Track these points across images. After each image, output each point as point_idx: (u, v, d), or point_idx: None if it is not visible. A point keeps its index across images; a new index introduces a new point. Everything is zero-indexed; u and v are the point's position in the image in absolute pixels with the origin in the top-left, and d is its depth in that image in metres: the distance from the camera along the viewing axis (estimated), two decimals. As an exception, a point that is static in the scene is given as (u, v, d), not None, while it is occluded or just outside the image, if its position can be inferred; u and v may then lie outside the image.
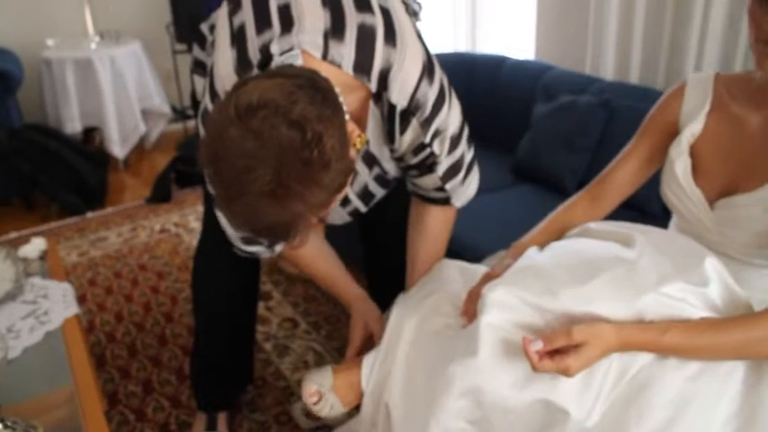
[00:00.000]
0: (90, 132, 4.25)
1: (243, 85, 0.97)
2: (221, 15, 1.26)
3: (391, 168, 1.40)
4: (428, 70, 1.22)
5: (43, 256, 1.85)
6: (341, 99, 1.02)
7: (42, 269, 1.79)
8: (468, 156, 1.40)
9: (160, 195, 3.64)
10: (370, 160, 1.34)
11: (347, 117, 1.02)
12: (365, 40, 1.14)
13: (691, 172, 1.23)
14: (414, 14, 1.56)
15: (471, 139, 1.41)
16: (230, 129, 0.92)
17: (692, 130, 1.23)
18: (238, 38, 1.17)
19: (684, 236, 1.25)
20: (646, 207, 1.98)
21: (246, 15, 1.19)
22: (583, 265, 1.10)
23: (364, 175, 1.38)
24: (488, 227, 2.07)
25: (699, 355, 1.01)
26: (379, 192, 1.46)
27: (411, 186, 1.45)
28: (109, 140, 4.08)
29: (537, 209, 1.54)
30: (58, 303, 1.62)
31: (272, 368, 2.21)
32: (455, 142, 1.33)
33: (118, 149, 4.11)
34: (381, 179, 1.41)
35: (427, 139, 1.26)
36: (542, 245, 1.26)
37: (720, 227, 1.20)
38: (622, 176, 1.34)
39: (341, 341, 2.31)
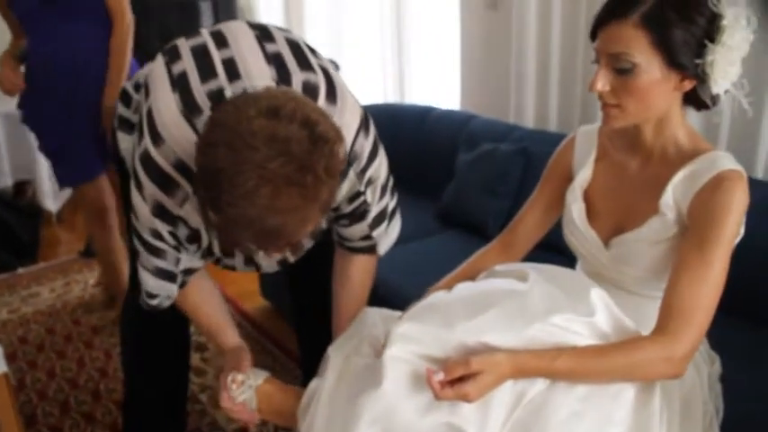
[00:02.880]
0: (21, 186, 4.19)
1: (252, 96, 1.02)
2: (156, 65, 1.29)
3: (324, 223, 1.46)
4: (365, 123, 1.31)
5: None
6: None
7: (-31, 329, 1.78)
8: (392, 204, 1.49)
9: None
10: None
11: None
12: (309, 96, 1.20)
13: (585, 215, 1.34)
14: None
15: (395, 189, 1.49)
16: (255, 122, 0.96)
17: (584, 176, 1.36)
18: (180, 83, 1.21)
19: (573, 270, 1.36)
20: (563, 247, 2.09)
21: (187, 65, 1.23)
22: (477, 299, 1.20)
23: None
24: (415, 272, 2.14)
25: (588, 378, 1.11)
26: (307, 243, 1.52)
27: (337, 238, 1.50)
28: (41, 194, 4.01)
29: (462, 253, 1.62)
30: (-15, 363, 1.61)
31: (209, 419, 2.22)
32: (384, 190, 1.41)
33: (51, 203, 4.05)
34: (313, 233, 1.46)
35: (362, 188, 1.34)
36: (451, 288, 1.35)
37: (616, 264, 1.30)
38: (530, 223, 1.46)
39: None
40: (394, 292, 1.98)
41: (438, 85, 3.46)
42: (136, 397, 1.85)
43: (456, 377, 1.06)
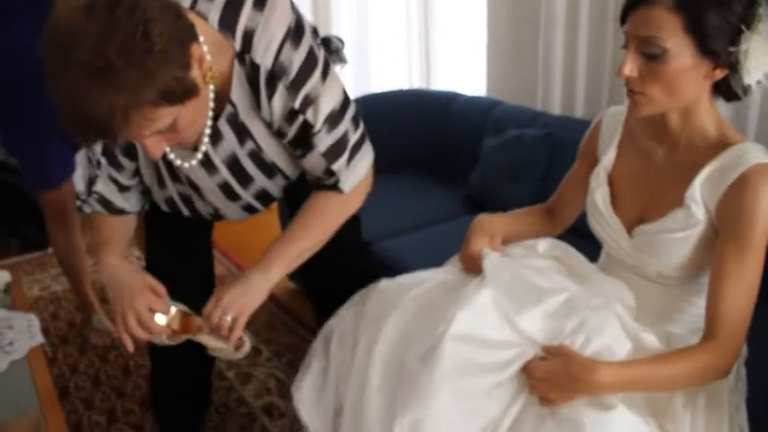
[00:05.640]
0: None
1: None
2: None
3: (268, 147, 1.39)
4: (293, 34, 1.26)
5: (7, 289, 1.89)
6: (203, 45, 1.13)
7: (7, 301, 1.83)
8: (354, 136, 1.41)
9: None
10: (241, 130, 1.35)
11: (205, 49, 1.13)
12: (234, 2, 1.22)
13: (609, 201, 1.32)
14: (336, 51, 1.63)
15: (359, 121, 1.42)
16: (69, 13, 0.99)
17: (607, 159, 1.34)
18: None
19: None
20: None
21: None
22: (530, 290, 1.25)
23: (233, 143, 1.36)
24: (440, 254, 2.15)
25: (656, 387, 1.14)
26: (258, 175, 1.44)
27: (307, 176, 1.46)
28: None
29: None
30: (23, 333, 1.66)
31: (235, 395, 2.26)
32: (335, 118, 1.35)
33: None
34: (257, 158, 1.41)
35: (297, 105, 1.29)
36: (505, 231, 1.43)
37: (637, 254, 1.29)
38: (571, 194, 1.46)
39: (302, 368, 2.37)
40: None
41: (464, 71, 3.46)
42: (162, 373, 1.87)
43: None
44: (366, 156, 1.44)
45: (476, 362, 1.15)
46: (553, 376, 1.09)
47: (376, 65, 3.79)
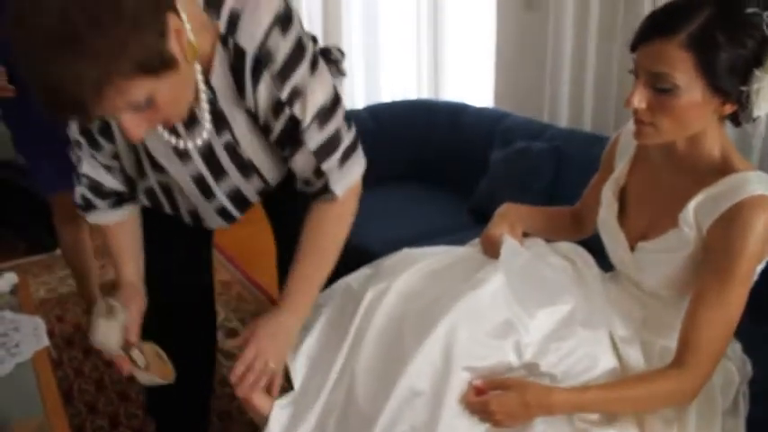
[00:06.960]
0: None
1: None
2: None
3: (246, 143, 1.34)
4: (282, 21, 1.20)
5: (14, 291, 1.90)
6: (186, 23, 1.07)
7: (13, 303, 1.84)
8: (347, 138, 1.35)
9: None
10: (219, 118, 1.29)
11: (187, 27, 1.07)
12: None
13: (617, 215, 1.33)
14: (335, 63, 1.61)
15: (351, 124, 1.37)
16: None
17: (620, 172, 1.34)
18: None
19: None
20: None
21: None
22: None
23: (209, 133, 1.30)
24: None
25: (611, 409, 1.16)
26: (232, 170, 1.38)
27: (299, 185, 1.40)
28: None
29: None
30: (29, 336, 1.66)
31: (237, 402, 2.25)
32: (325, 114, 1.29)
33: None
34: (233, 151, 1.35)
35: (284, 97, 1.23)
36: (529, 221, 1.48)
37: (636, 271, 1.30)
38: (593, 201, 1.44)
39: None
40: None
41: (472, 83, 3.48)
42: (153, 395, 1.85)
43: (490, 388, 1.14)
44: (359, 161, 1.39)
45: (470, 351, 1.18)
46: (508, 408, 1.12)
47: (385, 75, 3.81)
